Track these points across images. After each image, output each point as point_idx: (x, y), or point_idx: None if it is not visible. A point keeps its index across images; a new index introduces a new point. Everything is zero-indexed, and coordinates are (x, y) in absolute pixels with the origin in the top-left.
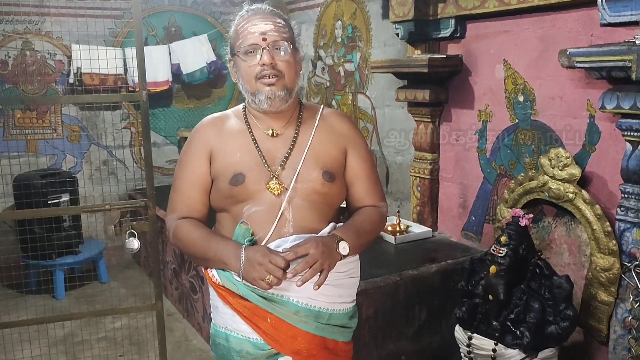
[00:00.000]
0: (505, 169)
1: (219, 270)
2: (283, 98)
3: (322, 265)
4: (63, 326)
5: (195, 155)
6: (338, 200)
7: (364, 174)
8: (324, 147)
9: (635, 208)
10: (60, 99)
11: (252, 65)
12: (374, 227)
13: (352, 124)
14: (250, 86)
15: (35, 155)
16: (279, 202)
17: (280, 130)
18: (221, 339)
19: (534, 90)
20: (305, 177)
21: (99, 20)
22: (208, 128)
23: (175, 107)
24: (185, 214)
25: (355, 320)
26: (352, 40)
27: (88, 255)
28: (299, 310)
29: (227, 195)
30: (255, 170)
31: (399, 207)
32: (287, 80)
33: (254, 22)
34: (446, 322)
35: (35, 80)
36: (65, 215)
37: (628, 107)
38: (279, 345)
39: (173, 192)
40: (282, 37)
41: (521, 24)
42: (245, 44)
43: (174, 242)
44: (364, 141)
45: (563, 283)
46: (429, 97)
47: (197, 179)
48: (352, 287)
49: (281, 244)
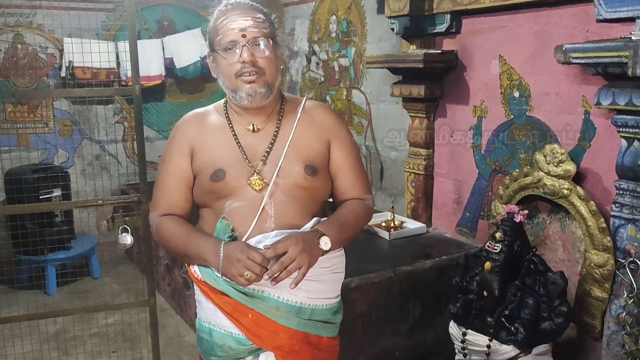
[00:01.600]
0: (500, 165)
1: (200, 267)
2: (264, 95)
3: (300, 263)
4: (55, 322)
5: (177, 152)
6: (322, 194)
7: (349, 166)
8: (306, 141)
9: (630, 204)
10: (52, 92)
11: (232, 62)
12: (358, 221)
13: (336, 115)
14: (231, 83)
15: (26, 149)
16: (260, 198)
17: (261, 125)
18: (205, 333)
19: (530, 86)
20: (287, 172)
21: (91, 13)
22: (189, 124)
23: (168, 102)
24: (168, 210)
25: (340, 315)
26: (347, 35)
27: (80, 250)
28: (279, 305)
29: (209, 191)
30: (235, 166)
31: (393, 202)
32: (268, 76)
33: (233, 18)
34: (440, 318)
35: (27, 74)
36: (57, 210)
37: (624, 104)
38: (260, 341)
39: (156, 189)
40: (262, 32)
41: (517, 19)
42: (225, 40)
43: (156, 239)
44: (348, 133)
45: (557, 279)
46: (424, 92)
47: (179, 175)
48: (336, 283)
49: (262, 239)
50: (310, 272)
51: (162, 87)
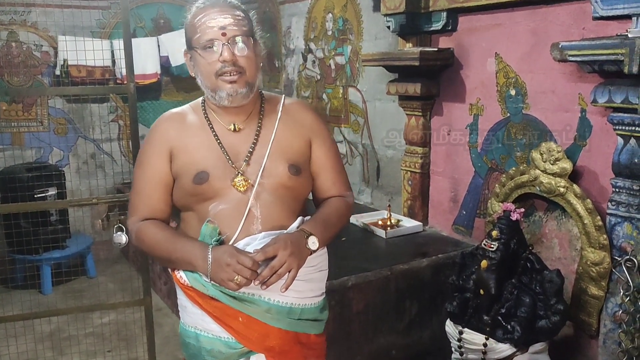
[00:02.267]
0: (497, 163)
1: (187, 272)
2: (245, 95)
3: (290, 266)
4: (50, 322)
5: (155, 154)
6: (305, 193)
7: (329, 165)
8: (288, 140)
9: (626, 202)
10: (47, 91)
11: (211, 61)
12: (341, 218)
13: (315, 113)
14: (210, 82)
15: (21, 148)
16: (245, 199)
17: (242, 124)
18: (191, 338)
19: (526, 84)
20: (271, 172)
21: (85, 11)
22: (167, 125)
23: (164, 100)
24: (148, 215)
25: (326, 312)
26: (343, 33)
27: (75, 249)
28: (270, 307)
29: (191, 194)
30: (219, 168)
31: (389, 201)
32: (249, 75)
33: (212, 16)
34: (437, 317)
35: (21, 72)
36: (52, 209)
37: (620, 101)
38: (251, 344)
39: (133, 194)
40: (242, 31)
41: (513, 17)
42: (204, 38)
43: (137, 245)
44: (327, 131)
45: (554, 277)
46: (420, 90)
47: (158, 178)
48: (321, 281)
49: (250, 242)
50: (299, 272)
51: (158, 86)
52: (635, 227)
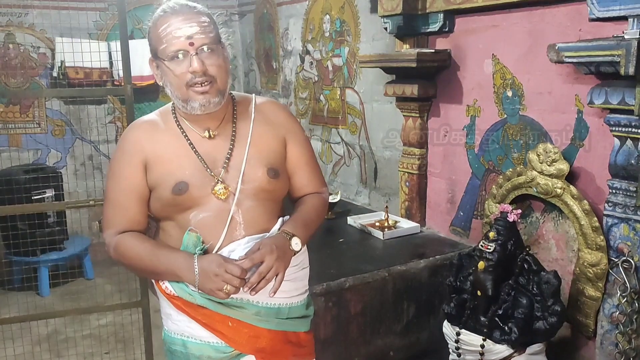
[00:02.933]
0: (494, 164)
1: (172, 282)
2: (218, 103)
3: (277, 270)
4: (47, 324)
5: (129, 165)
6: (283, 194)
7: (304, 162)
8: (264, 142)
9: (622, 203)
10: (44, 92)
11: (180, 73)
12: (319, 215)
13: (287, 112)
14: (181, 93)
15: (18, 150)
16: (227, 206)
17: (216, 130)
18: (177, 345)
19: (523, 85)
20: (250, 177)
21: (83, 13)
22: (139, 134)
23: (161, 102)
24: (125, 227)
25: (312, 308)
26: (341, 34)
27: (73, 251)
28: (259, 310)
29: (170, 204)
30: (197, 177)
31: (387, 202)
32: (220, 83)
33: (178, 25)
34: (434, 318)
35: (19, 74)
36: (49, 211)
37: (616, 103)
38: (241, 346)
39: (108, 206)
40: (209, 38)
41: (510, 18)
42: (170, 49)
43: (116, 259)
44: (301, 128)
45: (551, 278)
46: (418, 92)
47: (134, 189)
48: (305, 278)
49: (234, 248)
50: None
51: (156, 87)
52: (632, 228)
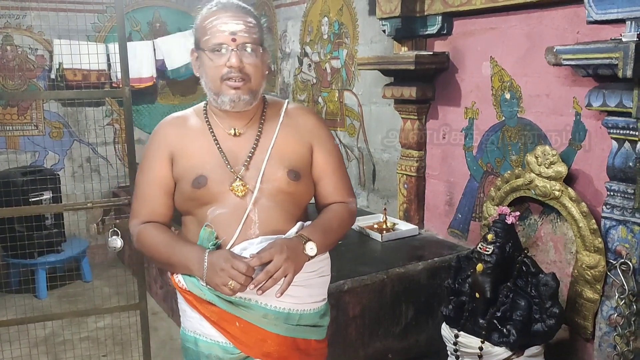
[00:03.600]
0: (492, 167)
1: (185, 276)
2: (247, 102)
3: (286, 271)
4: (45, 326)
5: (157, 158)
6: (305, 199)
7: (331, 170)
8: (288, 145)
9: (620, 206)
10: (42, 94)
11: (218, 65)
12: (342, 224)
13: (318, 118)
14: (215, 86)
15: (15, 152)
16: (243, 204)
17: (242, 129)
18: (190, 343)
19: (521, 87)
20: (270, 177)
21: (81, 14)
22: (168, 129)
23: (160, 104)
24: (149, 218)
25: (327, 318)
26: (339, 36)
27: (71, 253)
28: (267, 313)
29: (190, 198)
30: (217, 172)
31: (385, 204)
32: (254, 83)
33: (224, 20)
34: (433, 320)
35: (16, 76)
36: (47, 213)
37: (614, 105)
38: (248, 349)
39: (135, 197)
40: (252, 38)
41: (508, 21)
42: (214, 41)
43: (138, 248)
44: (330, 136)
45: (549, 281)
46: (416, 94)
47: (160, 182)
48: (322, 286)
49: (247, 246)
50: (297, 277)
51: (154, 89)
52: (629, 230)
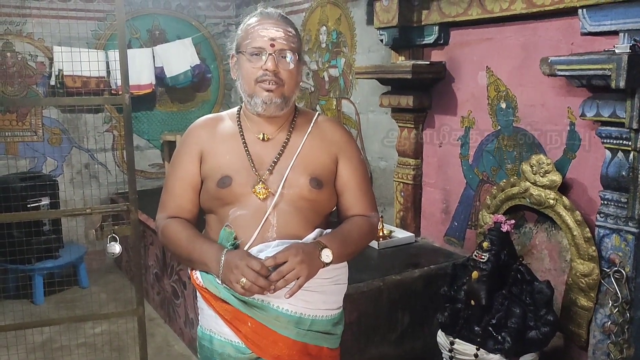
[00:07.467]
0: (488, 175)
1: (202, 273)
2: (279, 105)
3: (298, 274)
4: (42, 332)
5: (187, 155)
6: (326, 207)
7: (355, 183)
8: (314, 154)
9: (614, 214)
10: (41, 101)
11: (255, 67)
12: (362, 236)
13: (346, 132)
14: (249, 87)
15: (14, 157)
16: (264, 207)
17: (271, 134)
18: (206, 341)
19: (516, 97)
20: (292, 183)
21: (81, 22)
22: (201, 129)
23: (158, 111)
24: (175, 213)
25: (340, 326)
26: (337, 45)
27: (68, 259)
28: (279, 315)
29: (214, 197)
30: (242, 174)
31: (382, 212)
32: (287, 89)
33: (266, 26)
34: (429, 327)
35: (16, 82)
36: (45, 219)
37: (607, 115)
38: (259, 350)
39: (164, 192)
40: (290, 46)
41: (504, 31)
42: (253, 45)
43: (161, 241)
44: (356, 150)
45: (544, 288)
46: (413, 103)
47: (188, 178)
48: (337, 294)
49: (264, 248)
50: (311, 282)
51: (153, 96)
52: (623, 238)
